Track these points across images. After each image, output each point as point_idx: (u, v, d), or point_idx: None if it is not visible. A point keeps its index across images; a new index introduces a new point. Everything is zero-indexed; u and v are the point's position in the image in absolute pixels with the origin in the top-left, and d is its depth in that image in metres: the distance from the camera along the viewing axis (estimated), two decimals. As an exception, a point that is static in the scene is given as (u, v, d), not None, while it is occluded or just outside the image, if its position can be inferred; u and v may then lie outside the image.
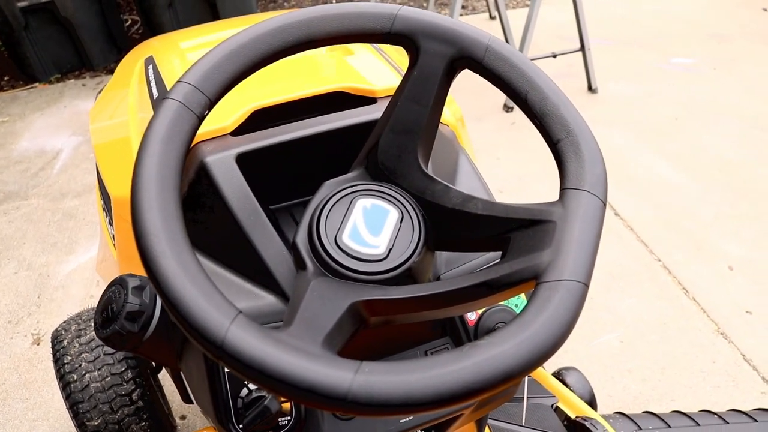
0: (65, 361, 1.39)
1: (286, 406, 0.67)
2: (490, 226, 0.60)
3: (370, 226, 0.61)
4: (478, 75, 0.64)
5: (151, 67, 1.03)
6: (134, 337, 0.72)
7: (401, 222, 0.62)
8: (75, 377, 1.36)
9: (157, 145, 0.54)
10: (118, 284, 0.74)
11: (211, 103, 0.58)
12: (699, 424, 1.38)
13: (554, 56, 3.01)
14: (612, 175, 2.55)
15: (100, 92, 1.21)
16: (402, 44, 0.64)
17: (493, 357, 0.46)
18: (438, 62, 0.63)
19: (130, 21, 3.87)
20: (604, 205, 0.57)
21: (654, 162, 2.62)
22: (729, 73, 3.18)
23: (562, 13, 3.70)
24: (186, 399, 0.90)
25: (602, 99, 3.05)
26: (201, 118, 0.57)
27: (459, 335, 0.74)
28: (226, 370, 0.67)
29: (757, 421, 1.39)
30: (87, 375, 1.36)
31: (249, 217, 0.70)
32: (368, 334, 0.63)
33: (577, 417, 1.23)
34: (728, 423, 1.39)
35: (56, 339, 1.46)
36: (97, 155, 0.99)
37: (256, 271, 0.70)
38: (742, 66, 3.23)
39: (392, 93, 0.85)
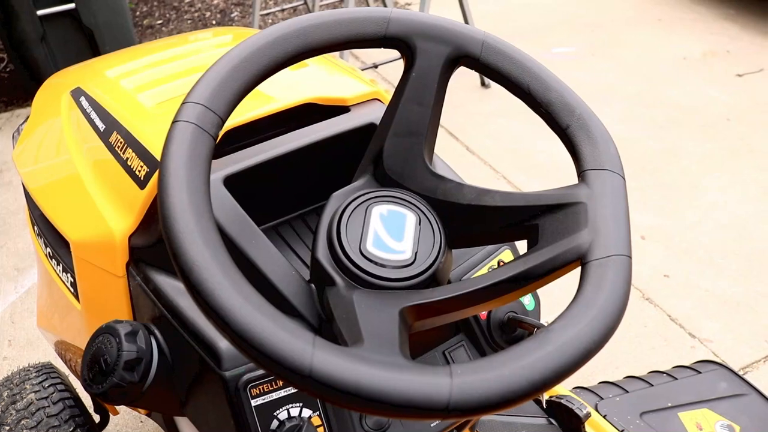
0: (2, 432, 1.27)
1: (321, 431, 0.65)
2: (510, 217, 0.61)
3: (391, 232, 0.60)
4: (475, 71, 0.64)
5: (83, 98, 0.96)
6: (135, 388, 0.67)
7: (420, 224, 0.61)
8: (18, 448, 1.24)
9: (182, 171, 0.50)
10: (106, 333, 0.68)
11: (222, 122, 0.55)
12: (652, 384, 1.46)
13: (446, 56, 3.09)
14: (519, 164, 2.65)
15: (17, 133, 1.12)
16: (396, 47, 0.64)
17: (573, 338, 0.47)
18: (435, 62, 0.63)
19: (-6, 60, 3.59)
20: (625, 180, 0.59)
21: (555, 147, 2.75)
22: (606, 57, 3.40)
23: (446, 13, 3.80)
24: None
25: (496, 93, 3.16)
26: (215, 139, 0.54)
27: (472, 331, 0.74)
28: (254, 404, 0.63)
29: (701, 372, 1.48)
30: (31, 443, 1.25)
31: (250, 241, 0.67)
32: None
33: (550, 396, 1.27)
34: (677, 378, 1.47)
35: (-13, 409, 1.32)
36: (39, 200, 0.91)
37: (264, 295, 0.67)
38: (616, 50, 3.46)
39: (364, 99, 0.84)
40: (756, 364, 1.83)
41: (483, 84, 3.23)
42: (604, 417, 1.33)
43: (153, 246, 0.73)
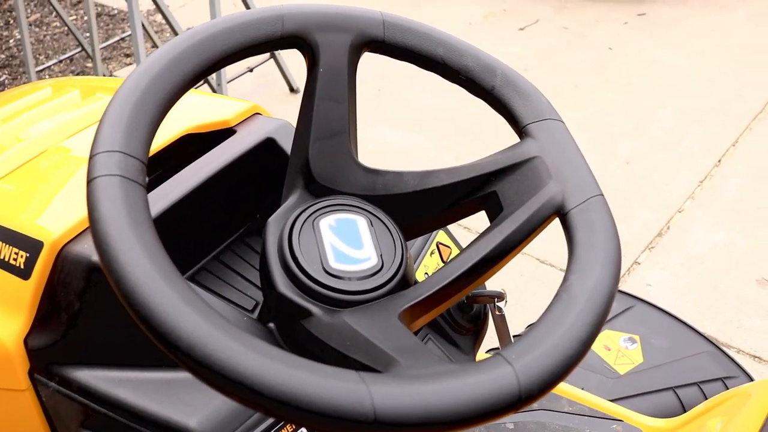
0: None
1: None
2: (460, 191, 0.59)
3: (348, 242, 0.55)
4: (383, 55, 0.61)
5: None
6: None
7: (373, 225, 0.57)
8: None
9: (129, 233, 0.41)
10: None
11: (145, 168, 0.47)
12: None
13: (251, 70, 3.02)
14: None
15: None
16: (296, 45, 0.59)
17: (596, 285, 0.47)
18: (340, 53, 0.59)
19: None
20: (565, 124, 0.60)
21: (381, 133, 2.80)
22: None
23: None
24: None
25: (309, 95, 3.16)
26: (146, 189, 0.46)
27: (434, 322, 0.72)
28: None
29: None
30: None
31: None
32: None
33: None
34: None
35: None
36: None
37: None
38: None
39: (246, 117, 0.78)
40: (623, 278, 2.00)
41: (291, 90, 3.21)
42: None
43: (61, 340, 0.62)
